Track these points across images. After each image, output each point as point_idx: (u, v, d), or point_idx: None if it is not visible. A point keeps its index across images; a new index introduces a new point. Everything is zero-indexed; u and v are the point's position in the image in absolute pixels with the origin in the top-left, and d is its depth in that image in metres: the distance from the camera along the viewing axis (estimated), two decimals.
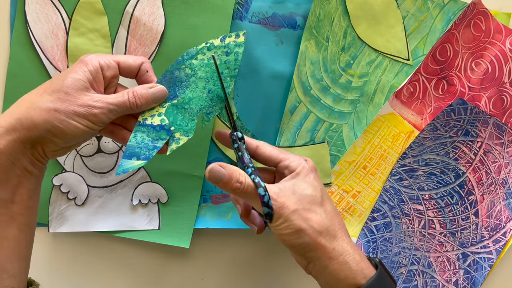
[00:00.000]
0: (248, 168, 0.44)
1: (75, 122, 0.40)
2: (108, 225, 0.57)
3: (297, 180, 0.44)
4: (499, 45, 0.59)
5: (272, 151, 0.47)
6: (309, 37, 0.57)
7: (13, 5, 0.54)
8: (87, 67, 0.42)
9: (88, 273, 0.60)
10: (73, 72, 0.42)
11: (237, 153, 0.46)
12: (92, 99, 0.41)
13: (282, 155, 0.46)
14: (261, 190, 0.42)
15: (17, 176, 0.40)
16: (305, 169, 0.45)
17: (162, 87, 0.45)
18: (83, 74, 0.42)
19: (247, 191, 0.42)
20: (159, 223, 0.58)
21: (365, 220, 0.60)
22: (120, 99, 0.43)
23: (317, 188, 0.44)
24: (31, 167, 0.41)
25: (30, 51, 0.55)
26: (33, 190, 0.42)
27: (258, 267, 0.62)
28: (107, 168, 0.57)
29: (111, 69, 0.44)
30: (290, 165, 0.45)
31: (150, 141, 0.46)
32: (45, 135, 0.40)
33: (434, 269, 0.60)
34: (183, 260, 0.61)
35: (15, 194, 0.41)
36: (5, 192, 0.40)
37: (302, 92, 0.58)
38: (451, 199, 0.60)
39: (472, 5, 0.57)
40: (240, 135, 0.46)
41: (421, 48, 0.59)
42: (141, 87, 0.44)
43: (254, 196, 0.42)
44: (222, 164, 0.42)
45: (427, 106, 0.60)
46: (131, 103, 0.43)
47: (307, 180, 0.44)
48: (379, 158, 0.60)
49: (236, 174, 0.42)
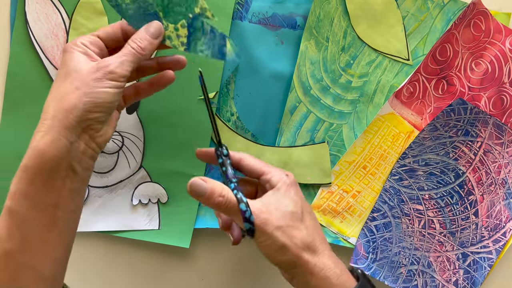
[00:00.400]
0: (231, 183, 0.44)
1: (99, 88, 0.40)
2: (108, 225, 0.57)
3: (278, 196, 0.45)
4: (499, 45, 0.59)
5: (255, 164, 0.47)
6: (309, 37, 0.57)
7: (13, 5, 0.54)
8: (74, 49, 0.42)
9: (88, 273, 0.60)
10: (69, 57, 0.42)
11: (221, 168, 0.46)
12: (100, 62, 0.41)
13: (264, 168, 0.47)
14: (242, 206, 0.42)
15: (62, 177, 0.39)
16: (285, 185, 0.45)
17: (153, 21, 0.45)
18: (77, 53, 0.41)
19: (229, 206, 0.42)
20: (159, 223, 0.58)
21: (365, 220, 0.60)
22: (125, 50, 0.42)
23: (298, 204, 0.45)
24: (77, 166, 0.40)
25: (30, 51, 0.55)
26: (77, 192, 0.41)
27: (258, 267, 0.62)
28: (107, 168, 0.57)
29: (93, 45, 0.43)
30: (272, 179, 0.46)
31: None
32: (82, 116, 0.39)
33: (434, 269, 0.60)
34: (183, 260, 0.61)
35: (59, 198, 0.40)
36: (50, 196, 0.39)
37: (302, 92, 0.58)
38: (451, 199, 0.60)
39: (472, 5, 0.57)
40: (225, 152, 0.46)
41: (421, 48, 0.59)
42: (136, 32, 0.44)
43: (235, 211, 0.42)
44: (204, 179, 0.43)
45: (427, 106, 0.60)
46: (135, 48, 0.43)
47: (288, 195, 0.45)
48: (379, 158, 0.60)
49: (219, 188, 0.42)
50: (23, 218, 0.39)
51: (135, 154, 0.57)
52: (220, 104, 0.57)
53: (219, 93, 0.57)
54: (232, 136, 0.58)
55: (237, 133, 0.58)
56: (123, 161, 0.57)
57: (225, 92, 0.57)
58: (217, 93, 0.57)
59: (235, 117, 0.58)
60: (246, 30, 0.56)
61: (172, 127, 0.57)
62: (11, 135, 0.56)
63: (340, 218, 0.60)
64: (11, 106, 0.55)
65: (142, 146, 0.57)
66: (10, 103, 0.55)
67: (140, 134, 0.57)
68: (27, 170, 0.39)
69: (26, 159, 0.39)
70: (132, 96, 0.48)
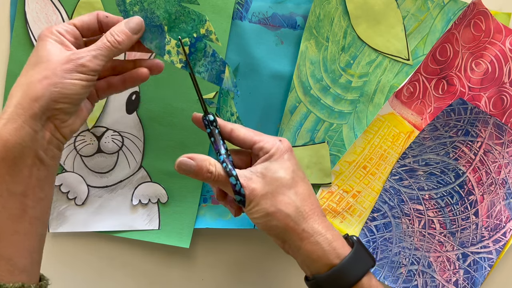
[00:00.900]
0: (220, 155, 0.44)
1: (68, 80, 0.39)
2: (108, 225, 0.57)
3: (269, 162, 0.44)
4: (499, 45, 0.59)
5: (246, 133, 0.46)
6: (309, 37, 0.57)
7: (13, 5, 0.54)
8: (49, 37, 0.41)
9: (88, 273, 0.60)
10: (41, 46, 0.41)
11: (210, 138, 0.46)
12: (73, 53, 0.40)
13: (256, 137, 0.46)
14: (232, 179, 0.43)
15: (28, 166, 0.39)
16: (279, 150, 0.45)
17: (136, 17, 0.44)
18: (50, 42, 0.41)
19: (219, 180, 0.43)
20: (159, 223, 0.58)
21: (365, 220, 0.60)
22: (99, 43, 0.42)
23: (289, 169, 0.44)
24: (43, 155, 0.40)
25: (30, 51, 0.54)
26: (45, 180, 0.41)
27: (258, 267, 0.62)
28: (107, 168, 0.57)
29: (69, 33, 0.42)
30: (265, 146, 0.45)
31: None
32: (48, 106, 0.39)
33: (434, 269, 0.60)
34: (183, 260, 0.61)
35: (27, 187, 0.39)
36: (17, 185, 0.39)
37: (302, 92, 0.58)
38: (451, 199, 0.60)
39: (472, 5, 0.57)
40: (211, 118, 0.46)
41: (421, 48, 0.59)
42: (116, 25, 0.43)
43: (226, 184, 0.43)
44: (192, 156, 0.43)
45: (427, 106, 0.60)
46: (111, 42, 0.42)
47: (280, 161, 0.44)
48: (379, 158, 0.60)
49: (206, 164, 0.43)
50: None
51: (135, 154, 0.57)
52: (220, 104, 0.57)
53: (219, 93, 0.57)
54: None
55: None
56: (123, 161, 0.57)
57: (225, 92, 0.57)
58: (217, 93, 0.57)
59: (235, 117, 0.58)
60: (246, 30, 0.56)
61: (172, 127, 0.57)
62: None
63: (340, 218, 0.60)
64: None
65: (142, 146, 0.57)
66: None
67: (140, 134, 0.57)
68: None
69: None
70: (104, 90, 0.47)
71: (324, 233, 0.43)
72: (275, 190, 0.43)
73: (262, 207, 0.42)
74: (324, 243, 0.42)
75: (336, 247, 0.43)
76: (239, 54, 0.56)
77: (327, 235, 0.43)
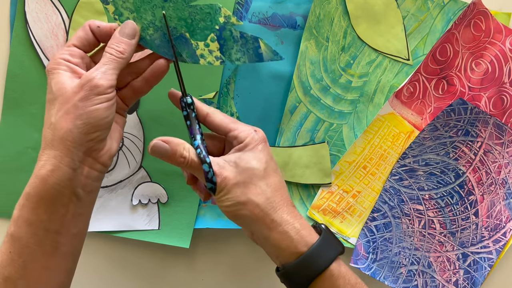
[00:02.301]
0: (194, 140, 0.44)
1: (89, 107, 0.38)
2: (108, 225, 0.57)
3: (243, 152, 0.44)
4: (499, 45, 0.59)
5: (223, 119, 0.45)
6: (309, 37, 0.57)
7: (13, 5, 0.54)
8: (56, 68, 0.41)
9: (88, 273, 0.60)
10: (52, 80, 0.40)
11: (185, 121, 0.45)
12: (82, 78, 0.39)
13: (232, 124, 0.45)
14: (205, 166, 0.42)
15: (65, 205, 0.39)
16: (254, 140, 0.44)
17: (126, 21, 0.43)
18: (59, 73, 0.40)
19: (191, 165, 0.43)
20: (159, 223, 0.58)
21: (365, 220, 0.60)
22: (104, 59, 0.41)
23: (262, 160, 0.44)
24: (81, 191, 0.40)
25: (30, 51, 0.55)
26: (80, 216, 0.41)
27: (258, 267, 0.62)
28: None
29: (74, 56, 0.42)
30: (239, 135, 0.44)
31: None
32: (79, 141, 0.38)
33: (434, 269, 0.60)
34: (183, 260, 0.61)
35: (61, 225, 0.39)
36: (52, 223, 0.39)
37: (302, 92, 0.58)
38: (451, 199, 0.60)
39: (472, 5, 0.57)
40: (189, 100, 0.45)
41: (421, 48, 0.59)
42: (112, 37, 0.42)
43: (198, 169, 0.42)
44: (167, 139, 0.43)
45: (427, 106, 0.60)
46: (114, 54, 0.41)
47: (254, 151, 0.44)
48: (379, 158, 0.60)
49: (180, 148, 0.43)
50: (25, 245, 0.39)
51: (135, 154, 0.57)
52: (220, 104, 0.57)
53: (219, 93, 0.57)
54: None
55: None
56: (123, 161, 0.57)
57: (225, 92, 0.57)
58: (217, 93, 0.57)
59: (235, 117, 0.58)
60: (246, 30, 0.56)
61: (172, 127, 0.57)
62: (11, 134, 0.56)
63: (340, 218, 0.60)
64: (11, 106, 0.55)
65: (142, 146, 0.57)
66: (10, 103, 0.55)
67: (140, 134, 0.57)
68: (29, 198, 0.39)
69: (28, 187, 0.39)
70: (131, 96, 0.47)
71: (292, 222, 0.43)
72: (247, 180, 0.42)
73: (233, 196, 0.42)
74: (292, 231, 0.42)
75: (304, 235, 0.42)
76: None
77: (295, 224, 0.43)
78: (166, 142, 0.42)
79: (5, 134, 0.56)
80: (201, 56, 0.45)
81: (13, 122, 0.56)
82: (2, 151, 0.56)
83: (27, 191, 0.39)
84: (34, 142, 0.56)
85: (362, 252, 0.59)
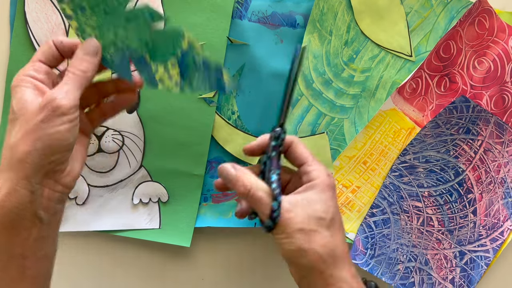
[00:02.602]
0: (273, 174, 0.42)
1: (50, 129, 0.36)
2: (109, 225, 0.57)
3: (311, 193, 0.42)
4: (502, 44, 0.59)
5: (304, 151, 0.44)
6: (312, 30, 0.56)
7: (13, 5, 0.53)
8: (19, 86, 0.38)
9: (88, 272, 0.59)
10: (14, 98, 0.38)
11: (270, 152, 0.43)
12: (44, 98, 0.37)
13: (310, 158, 0.44)
14: (275, 204, 0.40)
15: (27, 228, 0.37)
16: (323, 184, 0.42)
17: (89, 39, 0.41)
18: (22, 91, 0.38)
19: (252, 198, 0.41)
20: (160, 222, 0.58)
21: (364, 215, 0.59)
22: (65, 78, 0.39)
23: (330, 209, 0.42)
24: (43, 214, 0.38)
25: (30, 51, 0.54)
26: (45, 239, 0.39)
27: (259, 266, 0.61)
28: (107, 168, 0.57)
29: (38, 72, 0.40)
30: (312, 173, 0.43)
31: None
32: (38, 163, 0.36)
33: (431, 266, 0.60)
34: (183, 260, 0.60)
35: (25, 248, 0.38)
36: (15, 247, 0.37)
37: (304, 86, 0.57)
38: (450, 196, 0.60)
39: (478, 3, 0.57)
40: (283, 136, 0.43)
41: (423, 45, 0.59)
42: (74, 56, 0.41)
43: (257, 202, 0.41)
44: (234, 166, 0.42)
45: (429, 103, 0.59)
46: (75, 73, 0.39)
47: (322, 197, 0.42)
48: (379, 154, 0.59)
49: (245, 178, 0.41)
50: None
51: (136, 153, 0.57)
52: (222, 103, 0.57)
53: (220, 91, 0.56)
54: (232, 131, 0.57)
55: (237, 128, 0.57)
56: (124, 161, 0.57)
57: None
58: (217, 91, 0.56)
59: (236, 115, 0.57)
60: (246, 29, 0.56)
61: (172, 126, 0.56)
62: None
63: None
64: None
65: (142, 145, 0.57)
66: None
67: (140, 133, 0.57)
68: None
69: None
70: (98, 118, 0.45)
71: (350, 282, 0.41)
72: (312, 228, 0.40)
73: (296, 242, 0.40)
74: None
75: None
76: (239, 53, 0.56)
77: (353, 283, 0.41)
78: (234, 167, 0.42)
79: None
80: (160, 80, 0.43)
81: None
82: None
83: None
84: None
85: (360, 248, 0.59)
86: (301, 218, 0.40)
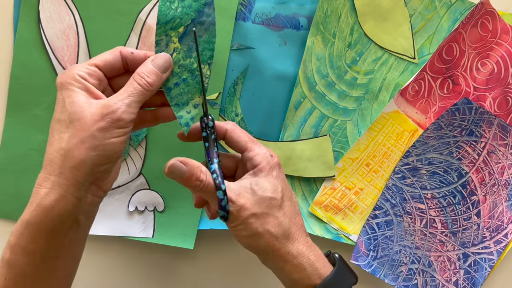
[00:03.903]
0: (211, 164, 0.42)
1: (107, 140, 0.36)
2: (102, 230, 0.57)
3: (258, 178, 0.43)
4: (506, 45, 0.58)
5: (242, 136, 0.44)
6: (315, 33, 0.57)
7: (16, 7, 0.54)
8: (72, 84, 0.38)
9: (88, 272, 0.59)
10: (67, 98, 0.37)
11: (204, 143, 0.43)
12: (105, 106, 0.37)
13: (250, 144, 0.44)
14: (220, 193, 0.40)
15: (65, 232, 0.38)
16: (268, 166, 0.43)
17: (162, 53, 0.41)
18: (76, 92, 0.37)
19: (206, 190, 0.41)
20: (154, 231, 0.57)
21: (367, 217, 0.59)
22: (130, 88, 0.38)
23: (278, 189, 0.43)
24: (82, 218, 0.38)
25: (35, 53, 0.54)
26: (78, 240, 0.40)
27: (259, 267, 0.61)
28: None
29: (92, 76, 0.39)
30: (254, 158, 0.43)
31: None
32: (90, 172, 0.36)
33: (435, 268, 0.60)
34: (184, 261, 0.61)
35: (60, 251, 0.38)
36: (50, 250, 0.38)
37: (307, 88, 0.57)
38: (454, 198, 0.60)
39: (480, 5, 0.57)
40: (211, 124, 0.43)
41: (427, 47, 0.59)
42: (142, 65, 0.40)
43: (212, 195, 0.41)
44: (184, 160, 0.40)
45: (432, 105, 0.59)
46: (142, 85, 0.39)
47: (268, 179, 0.43)
48: (382, 156, 0.59)
49: (197, 171, 0.40)
50: (21, 272, 0.38)
51: (136, 161, 0.57)
52: (226, 104, 0.57)
53: (224, 94, 0.57)
54: None
55: None
56: (123, 167, 0.57)
57: (232, 92, 0.57)
58: (220, 93, 0.56)
59: (240, 118, 0.57)
60: (249, 31, 0.56)
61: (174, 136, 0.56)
62: (15, 136, 0.55)
63: (341, 215, 0.60)
64: (15, 107, 0.55)
65: (143, 153, 0.57)
66: (15, 102, 0.55)
67: (142, 141, 0.57)
68: (29, 227, 0.37)
69: (29, 215, 0.37)
70: (137, 125, 0.44)
71: (307, 254, 0.42)
72: (264, 211, 0.41)
73: (250, 227, 0.41)
74: (306, 264, 0.42)
75: (318, 267, 0.42)
76: (242, 55, 0.56)
77: (310, 256, 0.42)
78: (183, 163, 0.40)
79: (9, 136, 0.55)
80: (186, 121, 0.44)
81: (17, 123, 0.55)
82: (6, 153, 0.55)
83: (26, 219, 0.37)
84: (38, 144, 0.55)
85: (363, 249, 0.59)
86: (252, 204, 0.41)
